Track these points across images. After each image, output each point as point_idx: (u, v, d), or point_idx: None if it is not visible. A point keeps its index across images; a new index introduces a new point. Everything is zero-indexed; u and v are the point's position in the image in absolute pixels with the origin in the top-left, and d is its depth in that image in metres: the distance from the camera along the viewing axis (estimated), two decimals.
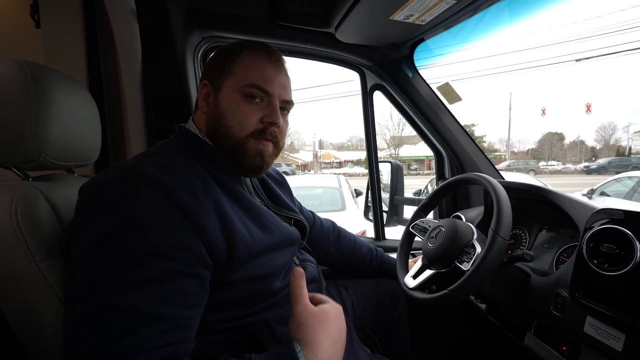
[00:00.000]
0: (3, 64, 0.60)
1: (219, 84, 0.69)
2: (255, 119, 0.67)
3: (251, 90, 0.66)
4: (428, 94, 1.32)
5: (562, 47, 27.48)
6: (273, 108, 0.68)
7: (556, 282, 0.74)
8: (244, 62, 0.68)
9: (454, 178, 0.95)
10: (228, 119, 0.67)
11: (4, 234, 0.54)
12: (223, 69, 0.69)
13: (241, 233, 0.60)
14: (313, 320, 0.54)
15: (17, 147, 0.60)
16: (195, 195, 0.55)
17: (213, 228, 0.55)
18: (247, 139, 0.67)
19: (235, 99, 0.67)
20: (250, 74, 0.67)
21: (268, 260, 0.65)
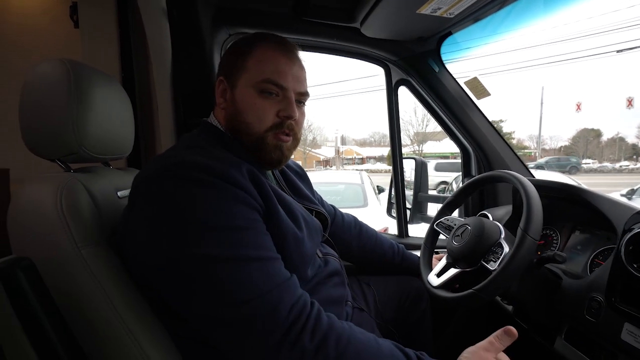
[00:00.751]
0: (49, 63, 0.64)
1: (234, 80, 0.70)
2: (272, 113, 0.68)
3: (266, 85, 0.67)
4: (455, 89, 1.29)
5: (602, 37, 25.88)
6: (289, 102, 0.69)
7: (590, 286, 0.71)
8: (257, 57, 0.69)
9: (481, 175, 0.93)
10: (246, 115, 0.68)
11: (51, 222, 0.57)
12: (237, 65, 0.70)
13: (276, 208, 0.63)
14: None
15: (60, 141, 0.64)
16: (238, 170, 0.60)
17: (257, 196, 0.60)
18: (266, 134, 0.69)
19: (251, 95, 0.68)
20: (264, 68, 0.68)
21: (297, 246, 0.66)
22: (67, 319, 0.57)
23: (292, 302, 0.54)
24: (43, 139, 0.65)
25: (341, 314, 0.77)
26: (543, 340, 0.83)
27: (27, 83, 0.64)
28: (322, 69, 40.09)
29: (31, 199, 0.60)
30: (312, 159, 35.43)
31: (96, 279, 0.57)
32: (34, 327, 0.53)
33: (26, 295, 0.53)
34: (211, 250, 0.52)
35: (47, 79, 0.63)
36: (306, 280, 0.70)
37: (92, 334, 0.58)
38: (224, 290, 0.52)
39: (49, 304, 0.56)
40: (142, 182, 0.59)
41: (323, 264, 0.78)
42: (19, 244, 0.60)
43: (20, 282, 0.53)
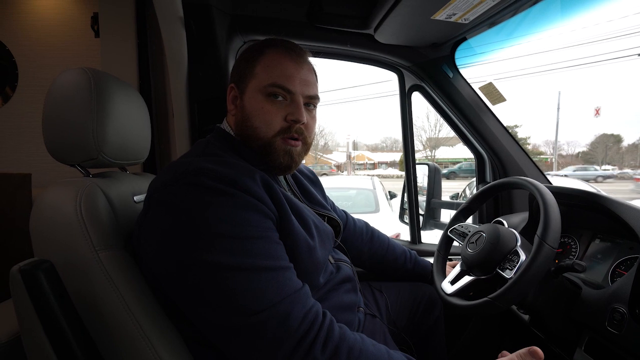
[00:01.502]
0: (71, 72, 0.67)
1: (243, 86, 0.71)
2: (279, 118, 0.68)
3: (273, 89, 0.67)
4: (469, 94, 1.28)
5: (622, 40, 25.18)
6: (296, 105, 0.69)
7: (612, 296, 0.69)
8: (265, 62, 0.69)
9: (496, 182, 0.91)
10: (254, 120, 0.68)
11: (70, 226, 0.59)
12: (246, 71, 0.71)
13: (289, 216, 0.63)
14: None
15: (81, 147, 0.66)
16: (251, 177, 0.59)
17: (270, 204, 0.60)
18: (274, 139, 0.68)
19: (258, 100, 0.68)
20: (271, 73, 0.68)
21: (310, 253, 0.66)
22: (84, 320, 0.59)
23: (304, 312, 0.54)
24: (64, 145, 0.67)
25: (353, 320, 0.77)
26: (561, 351, 0.80)
27: (50, 91, 0.67)
28: (335, 75, 40.21)
29: (52, 204, 0.62)
30: (324, 164, 35.45)
31: (112, 282, 0.59)
32: (53, 327, 0.55)
33: (46, 297, 0.55)
34: (223, 259, 0.52)
35: (69, 87, 0.66)
36: (318, 287, 0.70)
37: (107, 336, 0.59)
38: (235, 300, 0.52)
39: (67, 305, 0.57)
40: (156, 189, 0.59)
41: (335, 270, 0.78)
42: (41, 246, 0.62)
43: (41, 283, 0.55)
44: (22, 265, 0.54)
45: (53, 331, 0.55)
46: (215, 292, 0.52)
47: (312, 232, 0.68)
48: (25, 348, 0.59)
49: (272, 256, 0.56)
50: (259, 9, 1.11)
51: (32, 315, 0.54)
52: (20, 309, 0.56)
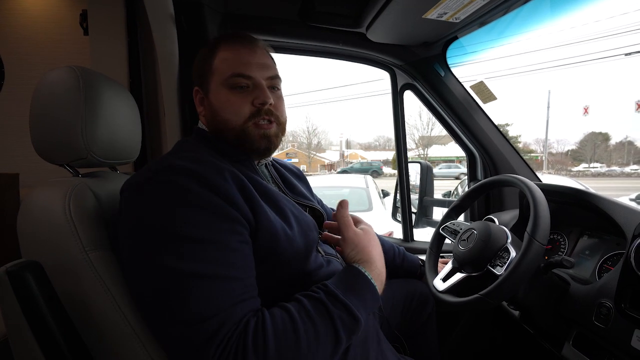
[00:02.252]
0: (60, 71, 0.65)
1: (206, 85, 0.72)
2: (247, 104, 0.69)
3: (234, 80, 0.69)
4: (461, 93, 1.29)
5: (610, 40, 25.62)
6: (260, 89, 0.70)
7: (599, 292, 0.70)
8: (220, 56, 0.71)
9: (487, 179, 0.92)
10: (223, 113, 0.70)
11: (59, 226, 0.58)
12: (205, 70, 0.72)
13: (263, 210, 0.62)
14: (363, 240, 0.68)
15: (69, 146, 0.65)
16: (222, 176, 0.59)
17: (240, 202, 0.59)
18: (246, 125, 0.69)
19: (223, 93, 0.70)
20: (229, 65, 0.70)
21: (289, 242, 0.65)
22: (74, 321, 0.58)
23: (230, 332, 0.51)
24: (52, 145, 0.66)
25: None
26: (550, 346, 0.81)
27: (37, 89, 0.66)
28: (328, 74, 40.14)
29: (40, 204, 0.61)
30: (317, 163, 35.46)
31: (103, 283, 0.58)
32: (42, 328, 0.54)
33: (34, 298, 0.54)
34: (168, 262, 0.51)
35: (57, 85, 0.65)
36: (309, 272, 0.69)
37: (98, 336, 0.59)
38: (168, 305, 0.51)
39: (56, 307, 0.56)
40: (127, 188, 0.60)
41: (325, 264, 0.78)
42: (29, 247, 0.61)
43: (29, 285, 0.54)
44: (9, 267, 0.53)
45: (41, 333, 0.54)
46: (155, 294, 0.52)
47: (291, 221, 0.68)
48: (13, 351, 0.58)
49: (220, 263, 0.54)
50: (251, 7, 1.11)
51: (20, 317, 0.53)
52: (7, 311, 0.55)
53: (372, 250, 0.67)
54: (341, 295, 0.57)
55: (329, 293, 0.58)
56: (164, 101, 1.04)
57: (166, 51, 0.99)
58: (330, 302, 0.56)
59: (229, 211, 0.57)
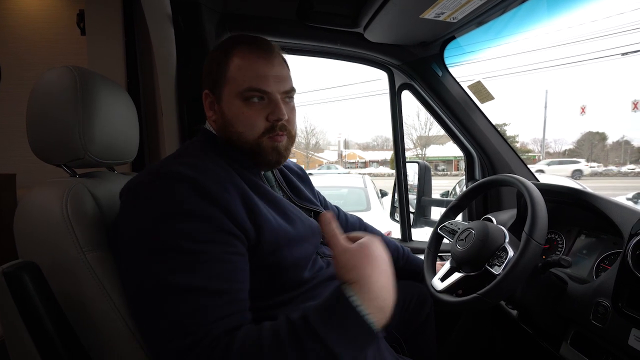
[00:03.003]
0: (56, 71, 0.65)
1: (219, 92, 0.70)
2: (261, 119, 0.68)
3: (250, 93, 0.67)
4: (458, 93, 1.29)
5: (606, 40, 25.71)
6: (275, 104, 0.68)
7: (596, 291, 0.71)
8: (236, 65, 0.68)
9: (485, 179, 0.92)
10: (237, 126, 0.68)
11: (56, 226, 0.58)
12: (219, 76, 0.69)
13: (267, 219, 0.62)
14: (355, 258, 0.52)
15: (66, 147, 0.65)
16: (222, 185, 0.58)
17: (241, 214, 0.58)
18: (261, 139, 0.69)
19: (237, 105, 0.68)
20: (244, 76, 0.67)
21: (292, 249, 0.65)
22: (71, 322, 0.58)
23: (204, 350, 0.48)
24: (49, 145, 0.65)
25: None
26: (548, 345, 0.82)
27: (34, 90, 0.65)
28: (325, 74, 40.20)
29: (37, 204, 0.61)
30: (315, 163, 35.45)
31: (100, 283, 0.58)
32: (38, 329, 0.54)
33: (31, 299, 0.53)
34: (158, 272, 0.51)
35: (54, 85, 0.64)
36: (303, 281, 0.69)
37: (96, 337, 0.58)
38: (153, 313, 0.51)
39: (53, 307, 0.56)
40: (127, 191, 0.60)
41: (325, 266, 0.78)
42: (25, 248, 0.61)
43: (26, 285, 0.53)
44: (6, 267, 0.53)
45: (38, 334, 0.54)
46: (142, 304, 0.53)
47: (297, 227, 0.68)
48: (10, 352, 0.58)
49: (207, 275, 0.52)
50: (249, 6, 1.11)
51: (17, 318, 0.53)
52: (4, 312, 0.54)
53: (365, 267, 0.51)
54: (320, 328, 0.47)
55: (307, 325, 0.48)
56: (161, 101, 1.03)
57: (164, 51, 0.98)
58: (308, 336, 0.47)
59: (225, 222, 0.56)
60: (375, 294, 0.50)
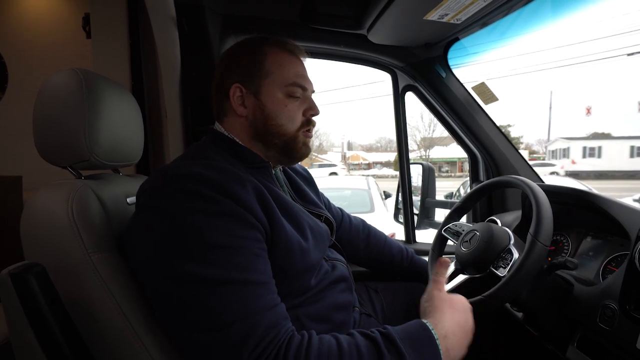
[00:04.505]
0: (63, 73, 0.66)
1: (255, 85, 0.70)
2: (300, 114, 0.73)
3: (293, 89, 0.71)
4: (462, 94, 1.29)
5: (612, 40, 25.50)
6: (312, 101, 0.75)
7: (603, 293, 0.70)
8: (275, 60, 0.71)
9: (489, 181, 0.92)
10: (278, 118, 0.71)
11: (62, 228, 0.58)
12: (255, 69, 0.70)
13: (282, 224, 0.62)
14: (441, 301, 0.64)
15: (72, 149, 0.65)
16: (241, 184, 0.59)
17: (259, 212, 0.59)
18: (297, 133, 0.73)
19: (280, 98, 0.71)
20: (288, 72, 0.71)
21: (303, 256, 0.66)
22: (76, 324, 0.58)
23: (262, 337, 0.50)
24: (55, 147, 0.66)
25: (348, 320, 0.77)
26: (555, 348, 0.81)
27: (40, 92, 0.66)
28: (329, 76, 40.35)
29: (43, 206, 0.61)
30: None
31: (105, 285, 0.58)
32: (44, 330, 0.54)
33: (37, 300, 0.54)
34: (193, 269, 0.51)
35: (60, 88, 0.65)
36: (309, 288, 0.69)
37: (101, 339, 0.59)
38: (196, 313, 0.51)
39: (59, 309, 0.56)
40: (145, 193, 0.60)
41: (330, 269, 0.78)
42: (31, 250, 0.61)
43: (32, 287, 0.54)
44: (12, 269, 0.53)
45: (44, 336, 0.54)
46: (179, 301, 0.52)
47: (307, 234, 0.68)
48: (16, 353, 0.58)
49: (246, 268, 0.54)
50: (252, 9, 1.11)
51: (23, 320, 0.53)
52: (10, 314, 0.55)
53: (444, 310, 0.62)
54: (398, 341, 0.53)
55: (386, 336, 0.55)
56: (165, 103, 1.04)
57: (168, 53, 0.99)
58: (385, 345, 0.53)
59: (250, 218, 0.57)
60: (448, 337, 0.58)
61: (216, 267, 0.52)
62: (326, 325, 0.70)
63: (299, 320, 0.66)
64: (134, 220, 0.60)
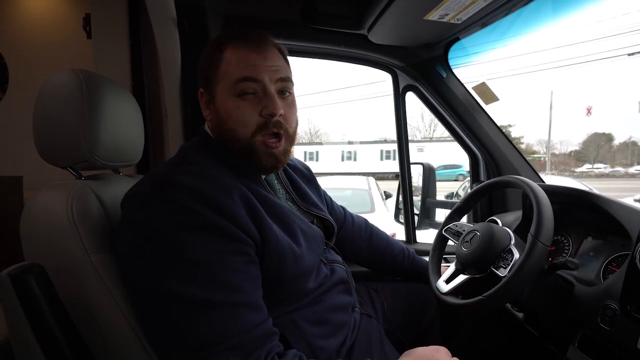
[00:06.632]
0: (63, 74, 0.66)
1: (212, 90, 0.68)
2: (254, 114, 0.64)
3: (242, 85, 0.63)
4: (463, 94, 1.29)
5: (613, 40, 25.44)
6: (269, 97, 0.64)
7: (604, 293, 0.70)
8: (227, 60, 0.65)
9: (490, 181, 0.92)
10: (229, 122, 0.65)
11: (62, 228, 0.58)
12: (211, 73, 0.67)
13: (272, 230, 0.61)
14: None
15: (72, 149, 0.65)
16: (226, 193, 0.57)
17: (247, 221, 0.58)
18: (254, 139, 0.65)
19: (230, 101, 0.65)
20: (235, 69, 0.64)
21: (296, 261, 0.65)
22: (76, 324, 0.58)
23: None
24: (55, 147, 0.66)
25: (348, 321, 0.77)
26: (555, 348, 0.81)
27: (41, 92, 0.66)
28: (330, 76, 40.34)
29: (43, 206, 0.61)
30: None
31: (105, 286, 0.58)
32: (44, 331, 0.54)
33: (37, 301, 0.54)
34: (173, 286, 0.51)
35: (60, 88, 0.65)
36: (307, 292, 0.69)
37: (100, 339, 0.59)
38: (173, 330, 0.51)
39: (58, 309, 0.56)
40: (130, 199, 0.59)
41: (329, 273, 0.77)
42: (31, 250, 0.61)
43: (32, 287, 0.54)
44: (12, 270, 0.53)
45: (44, 336, 0.54)
46: (160, 319, 0.52)
47: (299, 238, 0.67)
48: (15, 353, 0.58)
49: (228, 287, 0.53)
50: (253, 9, 1.11)
51: (22, 320, 0.53)
52: (9, 314, 0.55)
53: None
54: None
55: None
56: (166, 103, 1.04)
57: (168, 53, 0.99)
58: None
59: (234, 232, 0.55)
60: None
61: (197, 286, 0.51)
62: (325, 327, 0.70)
63: (296, 324, 0.66)
64: (120, 226, 0.60)
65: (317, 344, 0.67)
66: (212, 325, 0.50)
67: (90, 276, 0.57)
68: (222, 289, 0.52)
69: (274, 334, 0.57)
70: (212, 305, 0.51)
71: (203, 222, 0.53)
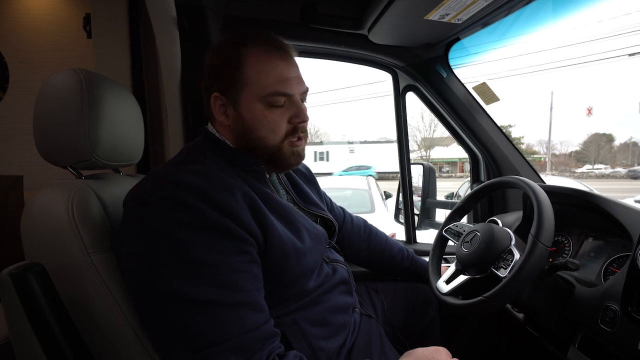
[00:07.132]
0: (63, 73, 0.66)
1: (234, 96, 0.66)
2: (284, 123, 0.67)
3: (274, 98, 0.64)
4: (463, 94, 1.29)
5: (613, 41, 25.42)
6: (298, 106, 0.67)
7: (605, 294, 0.70)
8: (255, 66, 0.64)
9: (490, 181, 0.92)
10: (259, 131, 0.66)
11: (62, 228, 0.58)
12: (233, 78, 0.65)
13: (275, 229, 0.61)
14: None
15: (73, 149, 0.65)
16: (229, 192, 0.57)
17: (250, 220, 0.58)
18: (282, 144, 0.68)
19: (259, 109, 0.65)
20: (268, 79, 0.64)
21: (299, 261, 0.65)
22: (76, 323, 0.58)
23: None
24: (56, 147, 0.66)
25: (348, 321, 0.77)
26: (555, 349, 0.81)
27: (41, 92, 0.66)
28: (330, 75, 40.37)
29: (43, 206, 0.61)
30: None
31: (105, 285, 0.58)
32: (44, 330, 0.54)
33: (37, 300, 0.54)
34: (175, 285, 0.51)
35: (60, 88, 0.65)
36: (308, 292, 0.69)
37: (100, 338, 0.59)
38: (174, 329, 0.51)
39: (59, 308, 0.56)
40: (132, 198, 0.59)
41: (331, 272, 0.77)
42: (32, 249, 0.61)
43: (32, 287, 0.54)
44: (12, 269, 0.53)
45: (44, 335, 0.54)
46: (161, 318, 0.52)
47: (303, 237, 0.68)
48: (16, 352, 0.58)
49: (230, 286, 0.53)
50: (253, 9, 1.11)
51: (23, 319, 0.53)
52: (10, 314, 0.55)
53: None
54: None
55: None
56: (166, 103, 1.04)
57: (169, 53, 0.99)
58: None
59: (237, 231, 0.55)
60: None
61: (199, 285, 0.51)
62: (326, 328, 0.70)
63: (298, 325, 0.66)
64: (122, 225, 0.59)
65: (318, 345, 0.67)
66: (214, 326, 0.50)
67: (90, 275, 0.58)
68: (225, 288, 0.52)
69: (276, 334, 0.57)
70: (214, 305, 0.51)
71: (205, 221, 0.53)
